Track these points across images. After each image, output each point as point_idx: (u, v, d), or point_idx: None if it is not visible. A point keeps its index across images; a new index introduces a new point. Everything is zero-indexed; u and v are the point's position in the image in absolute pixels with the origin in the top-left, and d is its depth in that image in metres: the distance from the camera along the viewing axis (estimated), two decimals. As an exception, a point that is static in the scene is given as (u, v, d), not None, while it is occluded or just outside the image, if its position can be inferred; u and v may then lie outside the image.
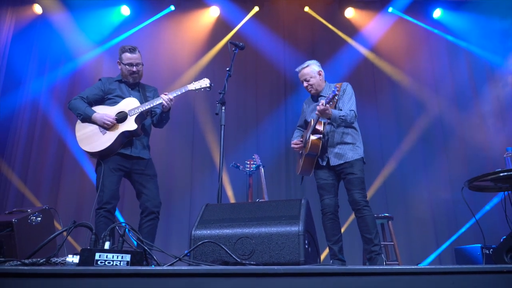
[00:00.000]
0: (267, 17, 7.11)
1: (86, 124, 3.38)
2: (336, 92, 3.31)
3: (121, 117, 3.38)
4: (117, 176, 3.35)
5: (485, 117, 6.41)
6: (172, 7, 6.97)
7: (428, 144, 6.50)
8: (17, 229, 3.28)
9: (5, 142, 6.27)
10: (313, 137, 3.46)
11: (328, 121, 3.50)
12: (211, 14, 7.05)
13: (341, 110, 3.50)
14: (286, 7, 7.18)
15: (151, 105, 3.44)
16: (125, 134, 3.36)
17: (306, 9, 7.08)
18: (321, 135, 3.47)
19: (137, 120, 3.38)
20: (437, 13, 6.99)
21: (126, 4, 6.86)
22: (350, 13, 7.09)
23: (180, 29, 7.01)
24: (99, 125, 3.34)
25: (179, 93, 3.55)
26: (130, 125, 3.35)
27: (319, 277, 1.36)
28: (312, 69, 3.68)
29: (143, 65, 3.67)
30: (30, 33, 6.73)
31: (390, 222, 4.57)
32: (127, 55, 3.58)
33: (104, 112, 3.40)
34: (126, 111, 3.40)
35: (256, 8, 7.08)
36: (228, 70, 3.52)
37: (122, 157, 3.39)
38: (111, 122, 3.32)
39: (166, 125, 3.76)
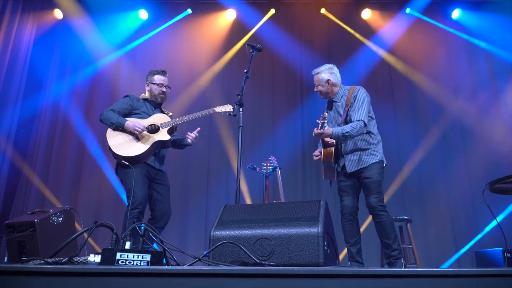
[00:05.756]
0: (283, 20, 7.11)
1: (118, 132, 3.60)
2: (321, 120, 3.34)
3: (152, 129, 3.64)
4: (146, 182, 3.59)
5: (505, 118, 6.28)
6: (189, 11, 7.04)
7: (447, 145, 6.40)
8: (39, 229, 3.34)
9: (26, 144, 6.41)
10: (324, 149, 3.56)
11: None
12: (228, 17, 7.09)
13: (351, 119, 3.46)
14: (302, 9, 7.17)
15: (182, 121, 3.72)
16: (158, 144, 3.62)
17: (323, 11, 7.06)
18: (332, 146, 3.53)
19: (169, 133, 3.66)
20: (456, 13, 6.88)
21: (144, 8, 6.96)
22: (367, 14, 7.03)
23: (197, 32, 7.07)
24: (130, 132, 3.57)
25: (207, 113, 3.80)
26: (164, 135, 3.64)
27: (339, 279, 1.35)
28: (321, 77, 3.67)
29: (170, 88, 3.96)
30: (51, 38, 6.88)
31: (408, 224, 4.52)
32: (159, 76, 3.88)
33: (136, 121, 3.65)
34: (158, 124, 3.67)
35: (272, 11, 7.08)
36: (246, 72, 3.54)
37: (148, 166, 3.62)
38: (141, 129, 3.55)
39: None
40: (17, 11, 6.42)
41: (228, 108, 3.80)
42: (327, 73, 3.67)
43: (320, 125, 3.36)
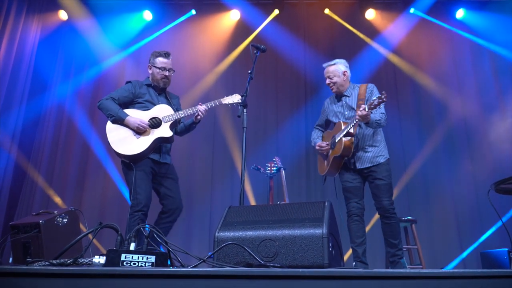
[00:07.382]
0: (287, 20, 7.10)
1: (118, 126, 3.43)
2: (382, 98, 3.18)
3: (155, 123, 3.47)
4: (150, 180, 3.45)
5: (510, 118, 6.24)
6: (193, 12, 7.05)
7: (452, 146, 6.38)
8: (44, 230, 3.34)
9: (31, 145, 6.43)
10: (345, 139, 3.42)
11: (363, 123, 3.48)
12: (232, 17, 7.09)
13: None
14: (306, 9, 7.16)
15: (186, 114, 3.53)
16: (159, 140, 3.45)
17: (327, 11, 7.04)
18: (353, 138, 3.44)
19: (171, 127, 3.48)
20: (460, 13, 6.85)
21: (149, 9, 6.97)
22: (371, 14, 7.01)
23: (201, 33, 7.07)
24: (132, 129, 3.41)
25: (213, 105, 3.61)
26: (165, 131, 3.45)
27: (344, 280, 1.35)
28: (337, 68, 3.68)
29: (174, 71, 3.74)
30: (56, 39, 6.91)
31: (413, 225, 4.50)
32: (162, 59, 3.65)
33: (137, 116, 3.46)
34: (160, 117, 3.49)
35: (276, 11, 7.07)
36: (250, 73, 3.50)
37: (153, 162, 3.47)
38: (144, 127, 3.39)
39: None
40: (21, 12, 6.45)
41: (236, 98, 3.61)
42: (343, 65, 3.71)
43: (372, 106, 3.23)
